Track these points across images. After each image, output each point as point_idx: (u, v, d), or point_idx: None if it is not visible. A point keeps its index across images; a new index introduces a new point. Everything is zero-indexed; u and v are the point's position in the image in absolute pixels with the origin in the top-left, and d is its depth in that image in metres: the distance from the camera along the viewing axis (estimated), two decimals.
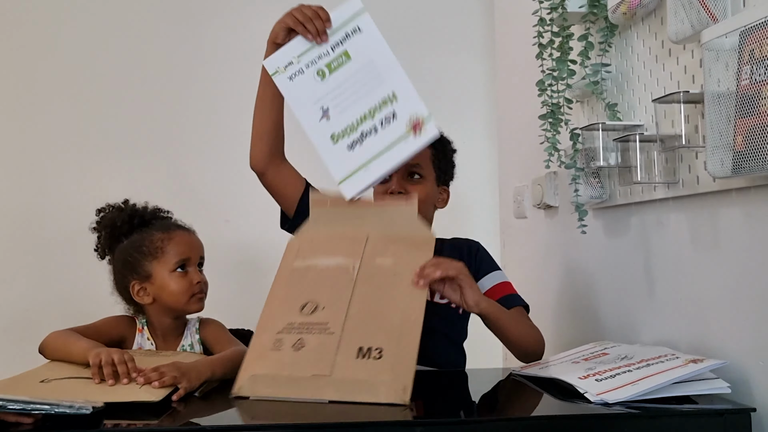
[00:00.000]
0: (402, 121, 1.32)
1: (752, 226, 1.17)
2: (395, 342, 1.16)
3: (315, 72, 1.36)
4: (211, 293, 1.59)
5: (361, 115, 1.34)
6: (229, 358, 1.40)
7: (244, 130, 2.45)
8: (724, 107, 1.11)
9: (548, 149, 1.61)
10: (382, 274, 1.28)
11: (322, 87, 1.36)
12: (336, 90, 1.35)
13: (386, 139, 1.32)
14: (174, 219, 1.65)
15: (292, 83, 1.37)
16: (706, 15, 1.17)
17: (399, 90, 1.34)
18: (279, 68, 1.38)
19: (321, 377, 1.12)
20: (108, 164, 2.39)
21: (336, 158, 1.33)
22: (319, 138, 1.34)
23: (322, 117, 1.35)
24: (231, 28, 2.45)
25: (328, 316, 1.22)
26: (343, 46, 1.37)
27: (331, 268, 1.31)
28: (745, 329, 1.19)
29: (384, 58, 1.36)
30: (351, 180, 1.33)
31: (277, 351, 1.19)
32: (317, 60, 1.37)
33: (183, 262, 1.53)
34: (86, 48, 2.41)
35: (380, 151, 1.32)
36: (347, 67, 1.36)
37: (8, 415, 1.02)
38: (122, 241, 1.57)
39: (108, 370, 1.21)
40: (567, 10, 1.57)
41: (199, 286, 1.53)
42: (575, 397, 1.14)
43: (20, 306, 2.33)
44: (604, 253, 1.70)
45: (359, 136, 1.33)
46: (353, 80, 1.35)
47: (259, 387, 1.16)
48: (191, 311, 1.55)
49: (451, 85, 2.50)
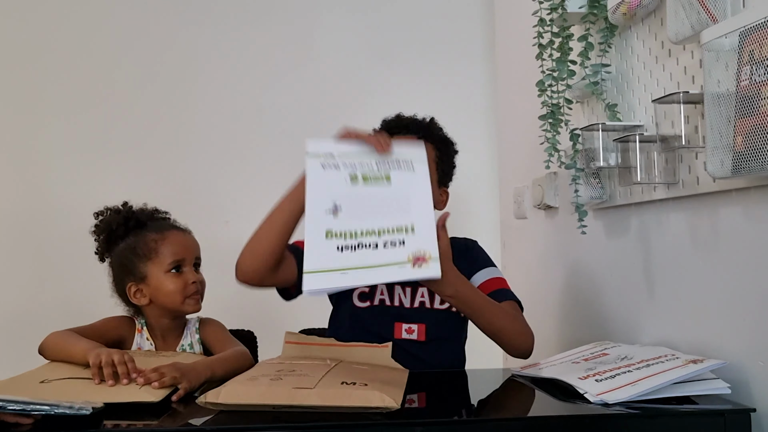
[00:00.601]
0: (407, 250, 1.22)
1: (752, 227, 1.17)
2: (380, 381, 1.15)
3: (349, 174, 1.29)
4: (210, 293, 1.60)
5: (370, 229, 1.24)
6: (229, 358, 1.40)
7: (244, 131, 2.46)
8: (724, 108, 1.11)
9: (548, 150, 1.61)
10: (359, 368, 1.27)
11: (347, 189, 1.28)
12: (358, 197, 1.27)
13: (382, 258, 1.21)
14: (172, 219, 1.66)
15: (322, 170, 1.29)
16: (706, 15, 1.17)
17: (420, 227, 1.24)
18: (318, 153, 1.31)
19: (303, 389, 1.09)
20: (108, 166, 2.39)
21: (319, 251, 1.21)
22: (313, 226, 1.23)
23: (330, 212, 1.25)
24: (232, 30, 2.45)
25: (307, 372, 1.21)
26: (389, 170, 1.31)
27: (307, 362, 1.29)
28: (745, 329, 1.19)
29: (421, 201, 1.28)
30: (319, 275, 1.19)
31: (253, 380, 1.16)
32: (357, 166, 1.30)
33: (177, 263, 1.53)
34: (87, 49, 2.41)
35: (368, 265, 1.20)
36: (382, 188, 1.29)
37: (8, 415, 1.02)
38: (119, 243, 1.58)
39: (108, 370, 1.21)
40: (567, 10, 1.57)
41: (195, 286, 1.53)
42: (575, 398, 1.14)
43: (20, 307, 2.33)
44: (604, 253, 1.70)
45: (355, 244, 1.22)
46: (380, 199, 1.28)
47: (230, 396, 1.10)
48: (187, 312, 1.55)
49: (452, 86, 2.50)
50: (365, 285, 1.32)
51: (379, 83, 2.46)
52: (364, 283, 1.28)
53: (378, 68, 2.49)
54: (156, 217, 1.63)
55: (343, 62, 2.49)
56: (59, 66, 2.40)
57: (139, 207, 1.64)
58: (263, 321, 1.89)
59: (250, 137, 2.45)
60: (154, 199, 1.68)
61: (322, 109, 2.43)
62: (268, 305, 2.33)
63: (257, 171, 2.43)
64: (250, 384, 1.13)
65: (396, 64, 2.49)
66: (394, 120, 1.62)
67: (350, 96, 2.45)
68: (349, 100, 2.45)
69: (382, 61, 2.49)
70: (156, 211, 1.65)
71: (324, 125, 2.39)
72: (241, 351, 1.47)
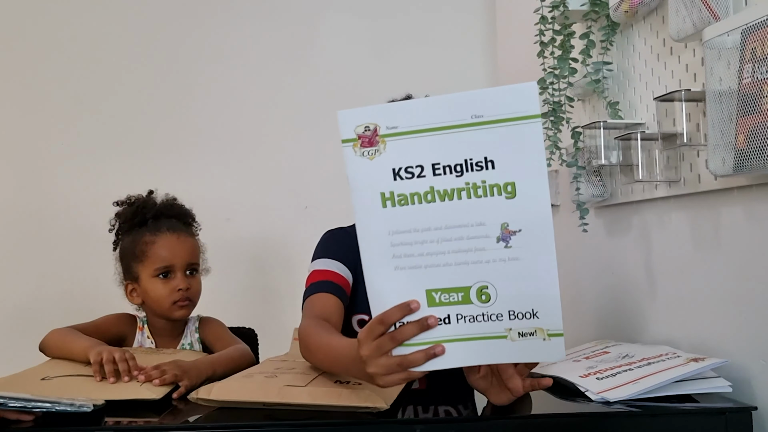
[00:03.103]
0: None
1: (754, 225, 1.17)
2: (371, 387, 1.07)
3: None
4: (211, 291, 1.59)
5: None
6: (230, 356, 1.40)
7: (245, 130, 2.46)
8: (725, 105, 1.10)
9: (549, 147, 1.61)
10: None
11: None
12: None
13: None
14: (191, 215, 1.62)
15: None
16: (708, 13, 1.16)
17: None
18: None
19: (294, 387, 1.08)
20: (110, 163, 2.39)
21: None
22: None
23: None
24: (234, 29, 2.45)
25: (303, 371, 1.17)
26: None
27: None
28: (747, 328, 1.18)
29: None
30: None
31: (248, 377, 1.15)
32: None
33: (166, 268, 1.50)
34: (89, 49, 2.41)
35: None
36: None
37: (9, 412, 1.02)
38: (125, 237, 1.57)
39: (109, 367, 1.22)
40: (568, 8, 1.56)
41: (181, 293, 1.50)
42: (576, 396, 1.14)
43: (21, 304, 2.33)
44: (605, 251, 1.70)
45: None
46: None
47: (221, 393, 1.09)
48: (174, 318, 1.52)
49: (453, 83, 2.50)
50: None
51: (380, 81, 2.46)
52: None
53: (378, 66, 2.48)
54: (166, 214, 1.58)
55: (343, 61, 2.49)
56: (62, 67, 2.40)
57: (162, 199, 1.60)
58: (264, 318, 1.89)
59: (252, 135, 2.44)
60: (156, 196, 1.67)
61: (323, 106, 2.42)
62: (269, 303, 2.35)
63: (258, 168, 2.43)
64: (243, 381, 1.13)
65: (397, 62, 2.49)
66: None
67: (351, 93, 2.44)
68: (350, 97, 2.44)
69: (383, 60, 2.49)
70: (171, 207, 1.60)
71: (325, 123, 2.41)
72: (242, 349, 1.47)
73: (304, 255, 1.43)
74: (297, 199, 2.40)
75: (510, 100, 0.86)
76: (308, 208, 2.39)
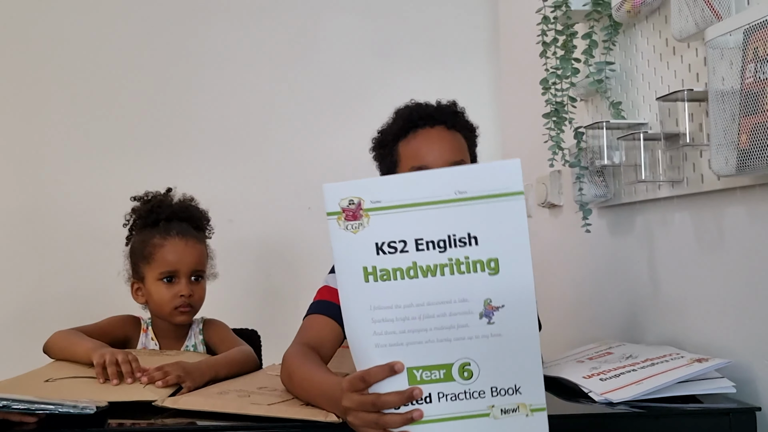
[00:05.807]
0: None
1: (757, 225, 1.16)
2: None
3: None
4: (215, 293, 1.59)
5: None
6: (233, 358, 1.40)
7: (247, 130, 2.46)
8: (728, 105, 1.10)
9: (552, 148, 1.61)
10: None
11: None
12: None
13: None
14: (205, 218, 1.61)
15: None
16: (711, 13, 1.16)
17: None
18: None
19: (255, 404, 1.06)
20: (112, 163, 2.39)
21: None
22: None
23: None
24: (238, 30, 2.45)
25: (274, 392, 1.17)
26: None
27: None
28: (750, 328, 1.18)
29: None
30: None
31: (222, 395, 1.14)
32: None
33: (170, 273, 1.50)
34: (91, 50, 2.41)
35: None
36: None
37: (13, 414, 1.02)
38: (137, 235, 1.57)
39: (112, 369, 1.22)
40: (571, 8, 1.56)
41: (183, 299, 1.50)
42: (579, 397, 1.14)
43: (24, 305, 2.33)
44: (608, 251, 1.70)
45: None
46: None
47: (185, 400, 1.10)
48: (174, 322, 1.53)
49: (455, 84, 2.50)
50: None
51: (383, 82, 2.46)
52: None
53: (382, 67, 2.48)
54: (180, 217, 1.57)
55: (347, 61, 2.48)
56: (65, 68, 2.40)
57: (179, 198, 1.60)
58: (267, 320, 1.89)
59: (255, 136, 2.44)
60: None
61: (326, 108, 2.43)
62: (272, 304, 2.35)
63: (261, 169, 2.43)
64: (208, 394, 1.14)
65: (400, 62, 2.48)
66: (415, 109, 1.33)
67: (354, 95, 2.44)
68: (353, 99, 2.44)
69: (386, 60, 2.49)
70: (187, 209, 1.59)
71: (327, 124, 2.41)
72: (245, 350, 1.47)
73: (307, 256, 1.43)
74: (300, 200, 2.40)
75: (494, 176, 0.88)
76: (311, 209, 2.39)
